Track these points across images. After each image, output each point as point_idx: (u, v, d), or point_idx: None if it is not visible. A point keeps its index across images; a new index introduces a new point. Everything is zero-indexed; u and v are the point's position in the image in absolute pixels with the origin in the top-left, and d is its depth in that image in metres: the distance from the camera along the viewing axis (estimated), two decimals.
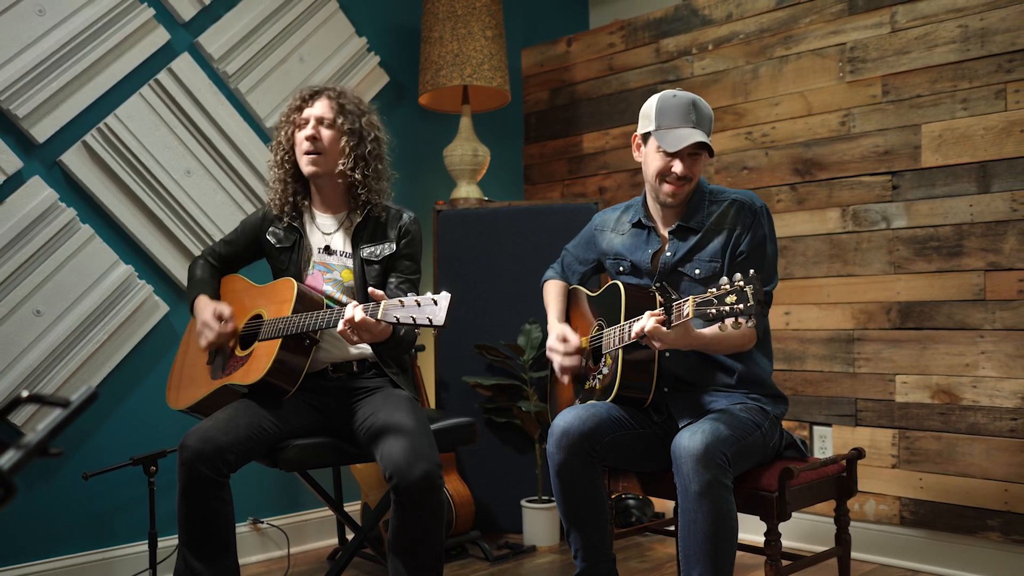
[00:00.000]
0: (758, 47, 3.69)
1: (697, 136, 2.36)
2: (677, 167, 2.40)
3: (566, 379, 2.66)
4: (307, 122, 2.60)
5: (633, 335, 2.24)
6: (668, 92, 2.45)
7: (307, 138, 2.58)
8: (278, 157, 2.68)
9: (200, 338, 2.58)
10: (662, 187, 2.45)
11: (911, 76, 3.26)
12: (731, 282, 2.05)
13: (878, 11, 3.34)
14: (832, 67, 3.46)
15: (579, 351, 2.58)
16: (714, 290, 2.07)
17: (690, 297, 2.11)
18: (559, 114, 4.52)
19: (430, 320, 2.10)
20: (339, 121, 2.60)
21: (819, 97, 3.50)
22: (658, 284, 2.48)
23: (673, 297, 2.21)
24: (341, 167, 2.62)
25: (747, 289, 2.01)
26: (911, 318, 3.24)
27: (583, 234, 2.82)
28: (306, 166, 2.61)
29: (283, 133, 2.65)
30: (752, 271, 2.04)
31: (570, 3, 4.84)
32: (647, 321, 2.19)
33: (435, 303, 2.11)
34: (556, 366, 2.61)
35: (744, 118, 3.72)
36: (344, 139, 2.61)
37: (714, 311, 2.04)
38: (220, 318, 2.56)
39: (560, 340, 2.59)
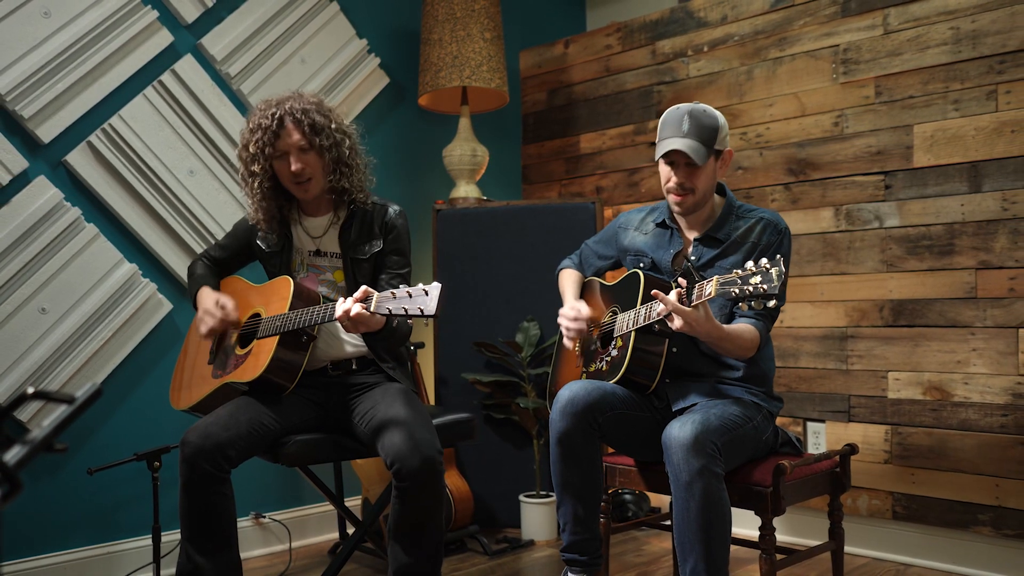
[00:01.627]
0: (753, 49, 3.69)
1: (676, 145, 2.38)
2: (672, 178, 2.45)
3: (570, 344, 2.66)
4: (286, 153, 2.53)
5: (657, 312, 2.25)
6: (675, 106, 2.48)
7: (295, 172, 2.53)
8: (256, 184, 2.58)
9: (201, 325, 2.57)
10: (668, 197, 2.51)
11: (903, 77, 3.26)
12: (757, 264, 2.06)
13: (871, 13, 3.34)
14: (825, 68, 3.46)
15: (589, 317, 2.59)
16: (739, 271, 2.08)
17: (714, 277, 2.13)
18: (557, 115, 4.51)
19: (421, 310, 2.10)
20: (316, 142, 2.53)
21: (813, 98, 3.50)
22: (681, 271, 2.50)
23: (696, 278, 2.22)
24: (330, 183, 2.60)
25: (772, 271, 2.02)
26: (903, 316, 3.24)
27: (606, 230, 2.84)
28: (300, 194, 2.60)
29: (258, 164, 2.54)
30: (778, 255, 2.06)
31: (567, 5, 4.84)
32: (669, 297, 2.19)
33: (426, 293, 2.12)
34: (563, 329, 2.63)
35: (739, 119, 3.72)
36: (325, 155, 2.56)
37: (737, 290, 2.05)
38: (222, 307, 2.56)
39: (572, 308, 2.62)
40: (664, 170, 2.49)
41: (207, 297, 2.61)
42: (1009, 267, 3.01)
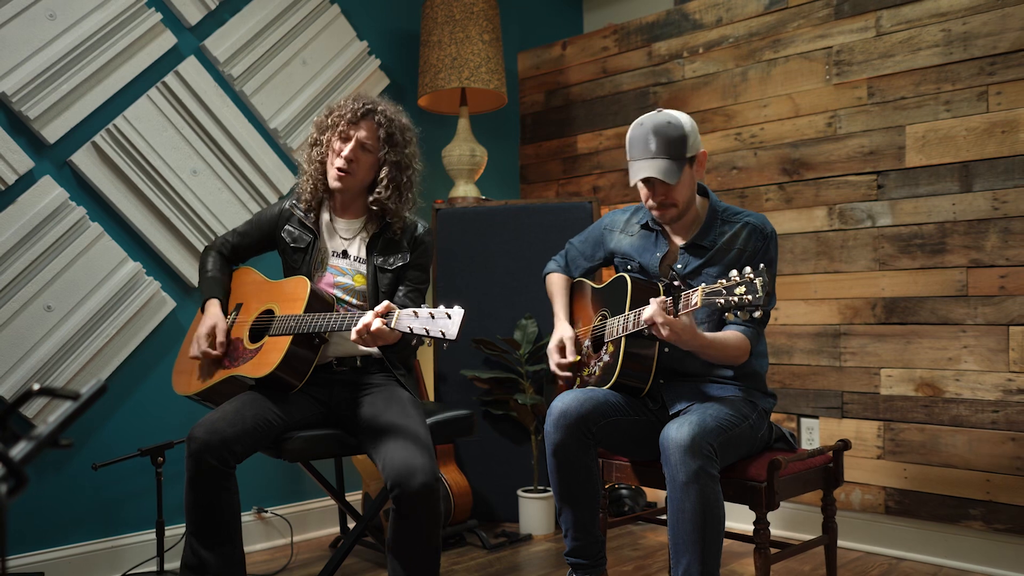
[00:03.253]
0: (747, 50, 3.69)
1: (646, 170, 2.36)
2: (649, 198, 2.44)
3: (561, 382, 2.68)
4: (349, 139, 2.56)
5: (643, 320, 2.25)
6: (640, 119, 2.44)
7: (344, 158, 2.56)
8: (315, 153, 2.64)
9: (190, 347, 2.59)
10: (652, 212, 2.49)
11: (896, 79, 3.26)
12: (741, 274, 2.05)
13: (864, 15, 3.34)
14: (819, 70, 3.46)
15: (572, 365, 2.60)
16: (724, 281, 2.08)
17: (700, 287, 2.12)
18: (554, 115, 4.51)
19: (443, 333, 2.10)
20: (383, 151, 2.58)
21: (806, 99, 3.50)
22: (666, 279, 2.49)
23: (681, 287, 2.22)
24: (377, 195, 2.60)
25: (756, 281, 2.02)
26: (895, 313, 3.24)
27: (591, 231, 2.81)
28: (333, 181, 2.60)
29: (327, 135, 2.61)
30: (762, 264, 2.05)
31: (565, 8, 4.84)
32: (655, 307, 2.19)
33: (449, 317, 2.11)
34: (553, 368, 2.65)
35: (733, 119, 3.72)
36: (386, 169, 2.60)
37: (723, 301, 2.05)
38: (212, 339, 2.55)
39: (558, 349, 2.62)
40: (642, 190, 2.46)
41: (208, 319, 2.60)
42: (1000, 265, 3.01)
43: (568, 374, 2.60)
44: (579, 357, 2.63)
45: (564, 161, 4.46)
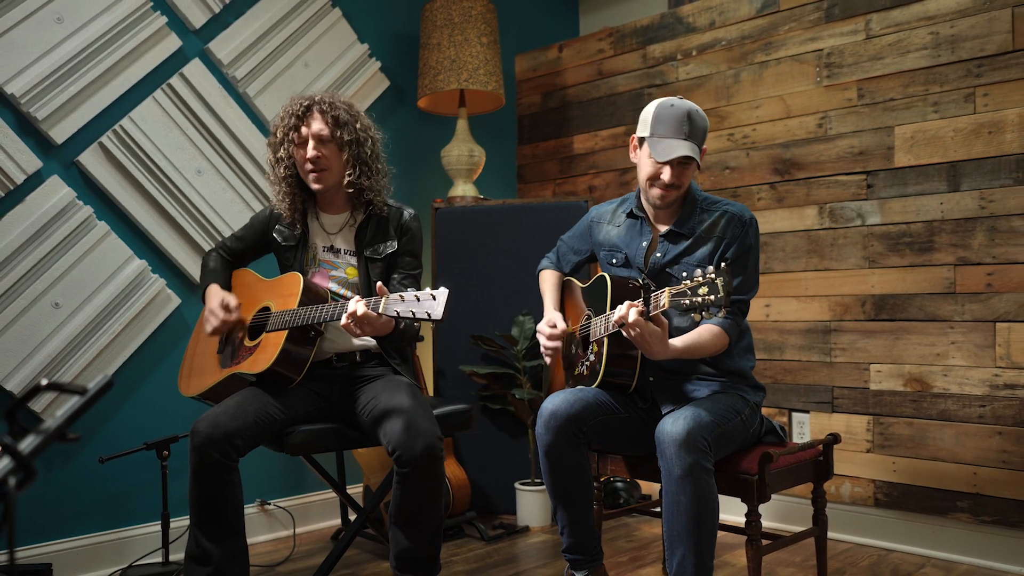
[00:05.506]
0: (739, 53, 3.69)
1: (684, 150, 2.35)
2: (665, 175, 2.41)
3: (548, 359, 2.67)
4: (306, 141, 2.55)
5: (613, 323, 2.25)
6: (667, 100, 2.43)
7: (310, 159, 2.54)
8: (280, 172, 2.62)
9: (206, 324, 2.58)
10: (651, 191, 2.46)
11: (885, 80, 3.26)
12: (704, 274, 2.05)
13: (853, 19, 3.34)
14: (810, 72, 3.47)
15: (564, 334, 2.59)
16: (688, 282, 2.07)
17: (666, 288, 2.12)
18: (551, 116, 4.51)
19: (428, 314, 2.10)
20: (337, 134, 2.55)
21: (797, 100, 3.50)
22: (642, 278, 2.49)
23: (652, 288, 2.21)
24: (348, 177, 2.60)
25: (718, 281, 2.01)
26: (885, 310, 3.25)
27: (579, 226, 2.82)
28: (313, 184, 2.59)
29: (283, 151, 2.59)
30: (723, 264, 2.04)
31: (562, 11, 4.84)
32: (624, 308, 2.19)
33: (433, 298, 2.12)
34: (542, 347, 2.64)
35: (726, 120, 3.72)
36: (347, 150, 2.58)
37: (688, 302, 2.04)
38: (226, 307, 2.55)
39: (548, 324, 2.61)
40: (652, 165, 2.43)
41: (214, 296, 2.60)
42: (986, 263, 3.02)
43: (557, 344, 2.58)
44: (571, 329, 2.63)
45: (560, 161, 4.46)
